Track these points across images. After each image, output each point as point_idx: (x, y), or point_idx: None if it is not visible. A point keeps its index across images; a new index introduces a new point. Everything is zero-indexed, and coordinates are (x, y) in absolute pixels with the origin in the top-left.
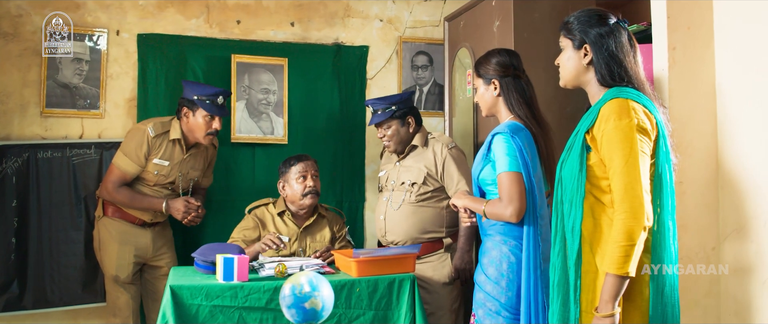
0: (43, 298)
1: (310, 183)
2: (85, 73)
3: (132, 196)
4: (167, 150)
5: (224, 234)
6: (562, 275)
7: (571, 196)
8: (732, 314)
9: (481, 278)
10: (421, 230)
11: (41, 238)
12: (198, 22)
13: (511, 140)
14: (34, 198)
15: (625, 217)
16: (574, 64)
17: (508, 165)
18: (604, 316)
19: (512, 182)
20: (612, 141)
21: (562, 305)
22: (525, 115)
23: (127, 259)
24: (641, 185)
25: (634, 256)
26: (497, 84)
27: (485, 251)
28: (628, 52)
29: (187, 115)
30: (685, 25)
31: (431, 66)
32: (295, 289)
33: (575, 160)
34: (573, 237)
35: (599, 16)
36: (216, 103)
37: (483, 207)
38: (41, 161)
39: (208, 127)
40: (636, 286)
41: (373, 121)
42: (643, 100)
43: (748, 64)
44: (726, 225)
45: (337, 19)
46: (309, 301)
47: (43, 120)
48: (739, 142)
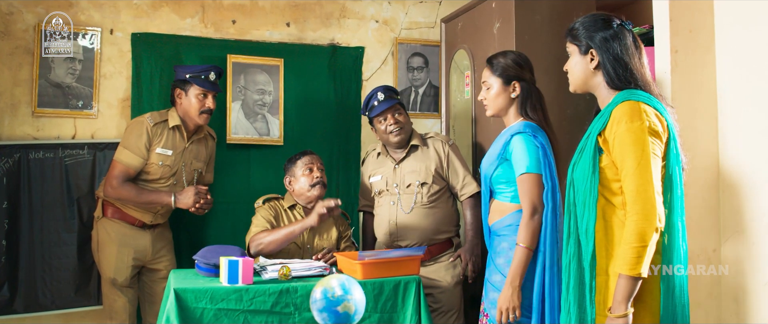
0: (34, 301)
1: (316, 174)
2: (78, 72)
3: (138, 190)
4: (169, 138)
5: (221, 236)
6: (577, 276)
7: (584, 198)
8: (733, 315)
9: (496, 278)
10: (435, 231)
11: (33, 240)
12: (193, 22)
13: (534, 140)
14: (26, 199)
15: (637, 218)
16: (582, 69)
17: (529, 166)
18: (617, 317)
19: (533, 184)
20: (624, 143)
21: (578, 306)
22: (538, 119)
23: (125, 262)
24: (653, 187)
25: (646, 257)
26: (517, 87)
27: (500, 252)
28: (634, 54)
29: (180, 96)
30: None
31: (427, 67)
32: (327, 293)
33: (587, 163)
34: (587, 238)
35: (603, 20)
36: (208, 79)
37: (522, 245)
38: (33, 162)
39: (201, 105)
40: (646, 287)
41: (383, 106)
42: (654, 103)
43: (749, 67)
44: (727, 226)
45: (332, 19)
46: (342, 304)
47: (35, 120)
48: (740, 144)
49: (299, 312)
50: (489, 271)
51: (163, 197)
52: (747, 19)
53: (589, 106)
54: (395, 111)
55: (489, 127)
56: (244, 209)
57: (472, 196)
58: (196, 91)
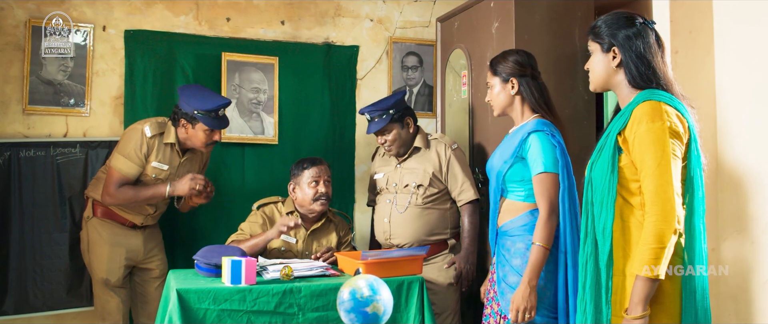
0: (25, 303)
1: (322, 189)
2: (69, 69)
3: (135, 190)
4: (165, 153)
5: (215, 235)
6: (594, 276)
7: (602, 197)
8: (731, 314)
9: (513, 279)
10: (428, 233)
11: (23, 240)
12: (187, 19)
13: (552, 138)
14: (16, 198)
15: (655, 219)
16: (604, 67)
17: (546, 165)
18: (634, 318)
19: (551, 184)
20: (644, 143)
21: (594, 306)
22: (546, 114)
23: (118, 262)
24: (673, 188)
25: (664, 258)
26: (515, 82)
27: (516, 253)
28: (656, 52)
29: (185, 126)
30: (687, 28)
31: (421, 67)
32: (355, 294)
33: (607, 162)
34: (604, 238)
35: (626, 18)
36: (217, 116)
37: (539, 244)
38: (23, 160)
39: (208, 139)
40: (664, 289)
41: (372, 129)
42: (675, 103)
43: (748, 67)
44: (726, 226)
45: (327, 18)
46: (371, 305)
47: (26, 118)
48: (739, 144)
49: (303, 312)
50: (503, 272)
51: (160, 189)
52: (746, 19)
53: (587, 107)
54: (383, 133)
55: (487, 127)
56: (238, 208)
57: (470, 203)
58: (204, 127)
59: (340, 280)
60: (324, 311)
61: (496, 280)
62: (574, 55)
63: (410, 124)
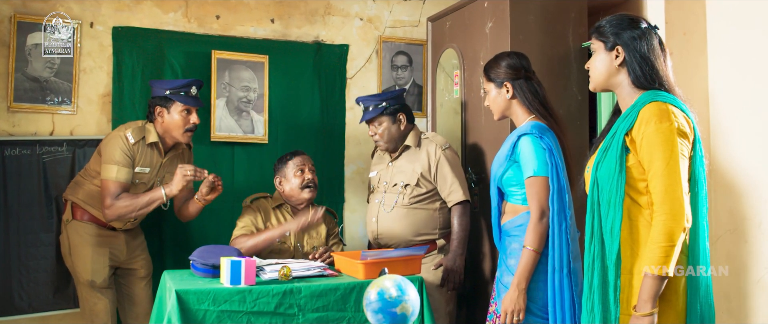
0: (10, 304)
1: (308, 175)
2: (56, 66)
3: (132, 199)
4: (147, 156)
5: (205, 234)
6: (601, 275)
7: (609, 197)
8: (725, 313)
9: (508, 279)
10: (414, 233)
11: (8, 240)
12: (176, 16)
13: (540, 141)
14: (1, 198)
15: (665, 218)
16: (606, 66)
17: (536, 168)
18: (643, 315)
19: (541, 187)
20: (653, 144)
21: (602, 305)
22: (543, 114)
23: (102, 263)
24: (681, 187)
25: (673, 256)
26: (509, 87)
27: (511, 253)
28: (659, 55)
29: (161, 114)
30: (681, 30)
31: (411, 66)
32: (383, 294)
33: (614, 162)
34: (612, 238)
35: (631, 19)
36: (190, 94)
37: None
38: (8, 159)
39: (186, 123)
40: (671, 286)
41: (364, 117)
42: (680, 104)
43: (741, 70)
44: (719, 226)
45: (317, 16)
46: (399, 305)
47: (11, 115)
48: (732, 145)
49: (303, 313)
50: (501, 271)
51: (157, 193)
52: (739, 22)
53: (580, 108)
54: (373, 123)
55: (480, 127)
56: (228, 207)
57: (460, 204)
58: (179, 108)
59: (339, 280)
60: (324, 312)
61: (497, 278)
62: (567, 55)
63: (402, 121)
